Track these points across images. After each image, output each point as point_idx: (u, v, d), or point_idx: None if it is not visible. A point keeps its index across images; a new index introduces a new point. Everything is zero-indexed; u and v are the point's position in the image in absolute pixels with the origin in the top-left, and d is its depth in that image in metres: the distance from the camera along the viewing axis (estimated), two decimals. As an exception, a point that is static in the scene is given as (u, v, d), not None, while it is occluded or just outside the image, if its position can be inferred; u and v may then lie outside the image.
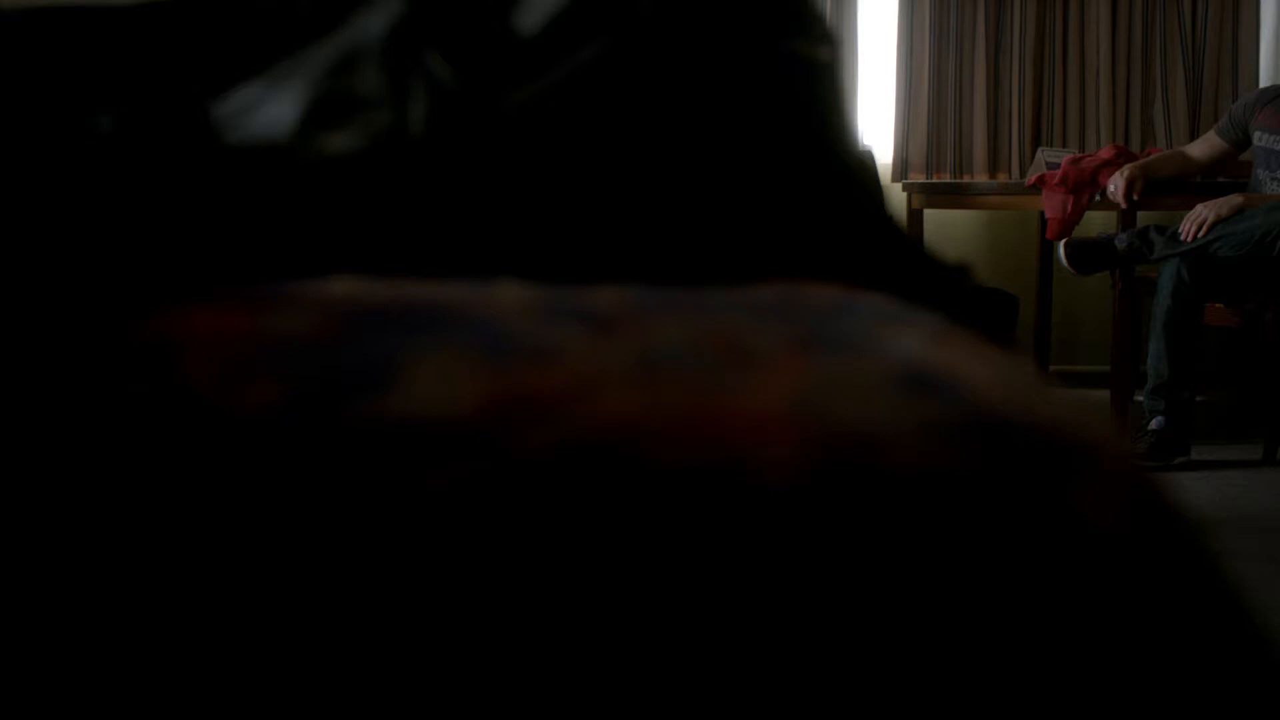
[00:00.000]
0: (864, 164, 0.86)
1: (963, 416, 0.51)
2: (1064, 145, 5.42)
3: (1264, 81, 5.48)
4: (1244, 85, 5.46)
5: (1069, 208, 4.43)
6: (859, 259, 0.81)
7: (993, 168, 5.48)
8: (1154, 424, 4.10)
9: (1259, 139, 4.35)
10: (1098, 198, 4.42)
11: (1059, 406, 0.55)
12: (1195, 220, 4.10)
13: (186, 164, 0.66)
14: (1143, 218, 4.47)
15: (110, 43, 0.74)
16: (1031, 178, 4.57)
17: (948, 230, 5.44)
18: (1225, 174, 4.71)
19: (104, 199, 0.62)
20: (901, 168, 5.47)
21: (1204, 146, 4.53)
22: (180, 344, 0.52)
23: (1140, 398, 4.23)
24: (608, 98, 0.73)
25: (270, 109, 0.69)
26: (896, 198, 5.11)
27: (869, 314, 0.63)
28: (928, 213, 5.14)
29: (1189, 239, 4.10)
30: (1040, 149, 4.97)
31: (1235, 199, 4.11)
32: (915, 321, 0.63)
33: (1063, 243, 4.32)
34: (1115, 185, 4.34)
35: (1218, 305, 4.26)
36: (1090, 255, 4.30)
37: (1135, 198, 4.34)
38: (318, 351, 0.52)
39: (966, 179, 5.45)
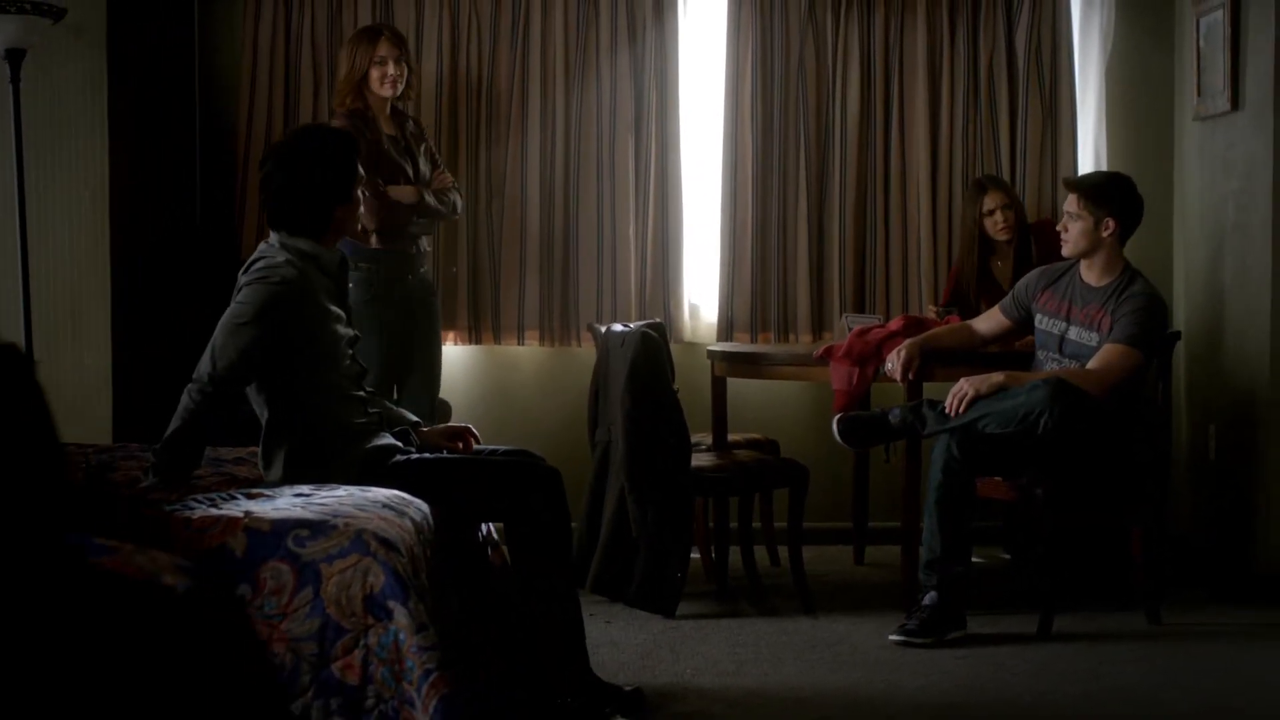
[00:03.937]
0: None
1: None
2: (886, 306, 5.49)
3: (1082, 244, 5.57)
4: (1064, 246, 5.56)
5: (854, 380, 4.50)
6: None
7: (817, 328, 5.53)
8: (927, 599, 4.15)
9: (1039, 321, 4.45)
10: (883, 370, 4.50)
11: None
12: (956, 395, 4.21)
13: None
14: (931, 389, 4.54)
15: None
16: (819, 350, 4.64)
17: (772, 394, 5.50)
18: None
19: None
20: (727, 328, 5.52)
21: (989, 322, 4.62)
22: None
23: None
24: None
25: None
26: (702, 364, 5.16)
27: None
28: (754, 380, 5.18)
29: (952, 414, 4.20)
30: (845, 315, 5.06)
31: (996, 377, 4.21)
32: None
33: (836, 417, 4.39)
34: (892, 363, 4.44)
35: (995, 479, 4.34)
36: (864, 429, 4.38)
37: (911, 376, 4.43)
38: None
39: (791, 340, 5.50)
